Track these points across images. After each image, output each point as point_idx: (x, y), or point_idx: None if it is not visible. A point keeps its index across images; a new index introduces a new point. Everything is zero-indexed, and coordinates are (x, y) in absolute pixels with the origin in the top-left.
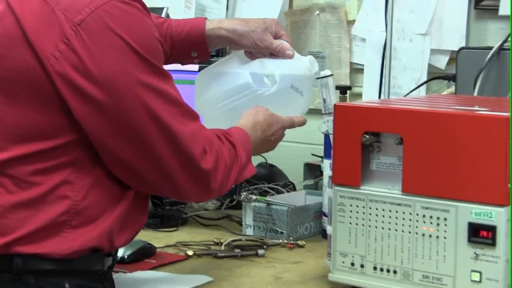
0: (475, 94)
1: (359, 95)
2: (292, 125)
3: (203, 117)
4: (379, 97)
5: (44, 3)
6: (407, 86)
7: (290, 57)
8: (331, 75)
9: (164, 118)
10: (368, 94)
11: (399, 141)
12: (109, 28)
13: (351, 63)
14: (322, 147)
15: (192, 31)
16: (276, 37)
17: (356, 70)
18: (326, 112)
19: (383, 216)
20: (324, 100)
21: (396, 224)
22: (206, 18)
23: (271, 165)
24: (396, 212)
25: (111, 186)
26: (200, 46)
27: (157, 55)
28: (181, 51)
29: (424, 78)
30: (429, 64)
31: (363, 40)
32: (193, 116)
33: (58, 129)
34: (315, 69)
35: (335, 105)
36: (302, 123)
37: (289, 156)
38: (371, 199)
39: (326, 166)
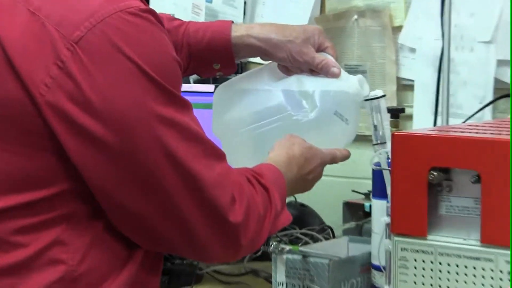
0: None
1: (409, 117)
2: (333, 160)
3: (222, 143)
4: (435, 119)
5: (32, 16)
6: (468, 105)
7: (336, 76)
8: (384, 95)
9: (185, 160)
10: (421, 116)
11: (476, 179)
12: (115, 47)
13: (398, 79)
14: (364, 181)
15: (214, 39)
16: (319, 49)
17: (404, 87)
18: (378, 141)
19: (457, 273)
20: (375, 127)
21: (474, 283)
22: (232, 22)
23: (302, 205)
24: (474, 268)
25: (115, 246)
26: (225, 57)
27: (175, 80)
28: (201, 63)
29: (490, 96)
30: (495, 78)
31: (413, 50)
32: (219, 155)
33: (49, 176)
34: (365, 92)
35: (393, 135)
36: (346, 158)
37: (324, 193)
38: (441, 252)
39: (375, 207)
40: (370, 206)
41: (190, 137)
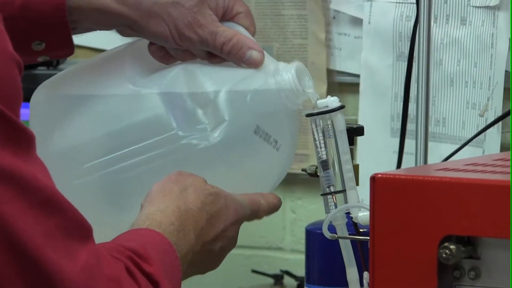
0: None
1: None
2: (255, 213)
3: None
4: (401, 145)
5: None
6: (458, 118)
7: (255, 64)
8: (342, 107)
9: (29, 244)
10: (371, 138)
11: None
12: None
13: (330, 73)
14: (276, 253)
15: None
16: (226, 17)
17: (342, 86)
18: (332, 189)
19: None
20: (324, 163)
21: None
22: None
23: None
24: None
25: None
26: (53, 30)
27: (13, 96)
28: (13, 39)
29: (498, 103)
30: (506, 72)
31: (356, 22)
32: (84, 231)
33: None
34: (308, 94)
35: (374, 179)
36: (274, 209)
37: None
38: None
39: None
40: None
41: (39, 202)
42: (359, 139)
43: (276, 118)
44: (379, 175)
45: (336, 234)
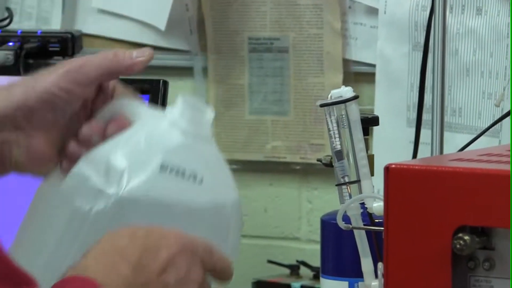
0: None
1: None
2: (209, 253)
3: None
4: (417, 135)
5: None
6: (474, 109)
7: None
8: (356, 97)
9: None
10: (386, 127)
11: None
12: None
13: (346, 62)
14: (291, 243)
15: None
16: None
17: (357, 76)
18: (347, 180)
19: None
20: (338, 153)
21: None
22: None
23: None
24: None
25: None
26: None
27: None
28: None
29: None
30: None
31: (373, 12)
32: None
33: None
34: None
35: (387, 169)
36: (227, 272)
37: None
38: None
39: None
40: None
41: None
42: (375, 129)
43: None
44: (393, 166)
45: (351, 224)
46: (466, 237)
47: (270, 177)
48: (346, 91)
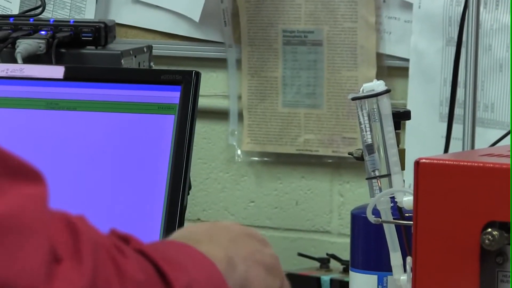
0: None
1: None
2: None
3: None
4: (449, 129)
5: None
6: (506, 104)
7: None
8: (388, 90)
9: None
10: (419, 121)
11: None
12: None
13: (380, 56)
14: (322, 236)
15: None
16: None
17: (391, 71)
18: (377, 173)
19: None
20: (370, 147)
21: None
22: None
23: None
24: None
25: None
26: None
27: None
28: None
29: None
30: None
31: (407, 6)
32: (29, 175)
33: None
34: None
35: (417, 164)
36: None
37: None
38: None
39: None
40: (333, 281)
41: None
42: (408, 123)
43: None
44: (423, 160)
45: (381, 218)
46: (495, 233)
47: (302, 170)
48: (378, 85)
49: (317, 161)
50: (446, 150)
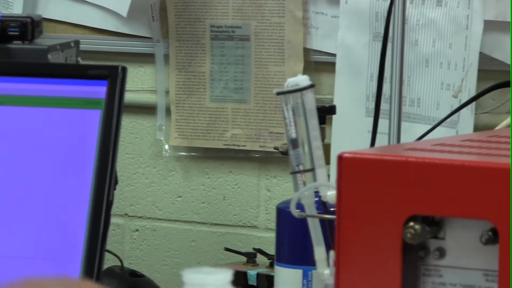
0: None
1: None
2: None
3: None
4: (375, 124)
5: None
6: (432, 100)
7: None
8: (312, 85)
9: None
10: (346, 116)
11: (490, 236)
12: None
13: (307, 51)
14: (249, 231)
15: None
16: None
17: (318, 66)
18: (301, 168)
19: None
20: (294, 141)
21: None
22: None
23: (133, 273)
24: None
25: None
26: None
27: None
28: None
29: (472, 85)
30: (481, 53)
31: (332, 1)
32: None
33: None
34: None
35: (340, 158)
36: None
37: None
38: None
39: (281, 280)
40: (259, 276)
41: None
42: (334, 118)
43: None
44: (346, 154)
45: (305, 212)
46: (417, 227)
47: (229, 165)
48: (303, 80)
49: (244, 156)
50: (372, 144)
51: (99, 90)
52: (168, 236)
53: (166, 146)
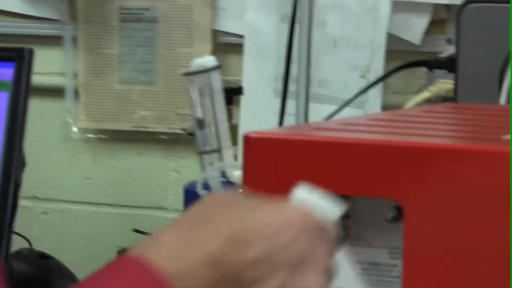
0: (503, 100)
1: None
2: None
3: None
4: (283, 104)
5: None
6: (340, 80)
7: None
8: (218, 66)
9: None
10: (254, 97)
11: (395, 214)
12: None
13: (216, 33)
14: (157, 212)
15: None
16: None
17: (226, 47)
18: (208, 148)
19: None
20: (201, 122)
21: None
22: None
23: (43, 256)
24: None
25: None
26: None
27: None
28: None
29: (379, 65)
30: (388, 34)
31: None
32: None
33: None
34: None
35: (246, 138)
36: None
37: (81, 235)
38: None
39: None
40: None
41: None
42: (243, 99)
43: None
44: (252, 134)
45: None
46: None
47: (138, 147)
48: (209, 61)
49: (152, 138)
50: (280, 125)
51: (6, 73)
52: (77, 218)
53: (75, 129)
